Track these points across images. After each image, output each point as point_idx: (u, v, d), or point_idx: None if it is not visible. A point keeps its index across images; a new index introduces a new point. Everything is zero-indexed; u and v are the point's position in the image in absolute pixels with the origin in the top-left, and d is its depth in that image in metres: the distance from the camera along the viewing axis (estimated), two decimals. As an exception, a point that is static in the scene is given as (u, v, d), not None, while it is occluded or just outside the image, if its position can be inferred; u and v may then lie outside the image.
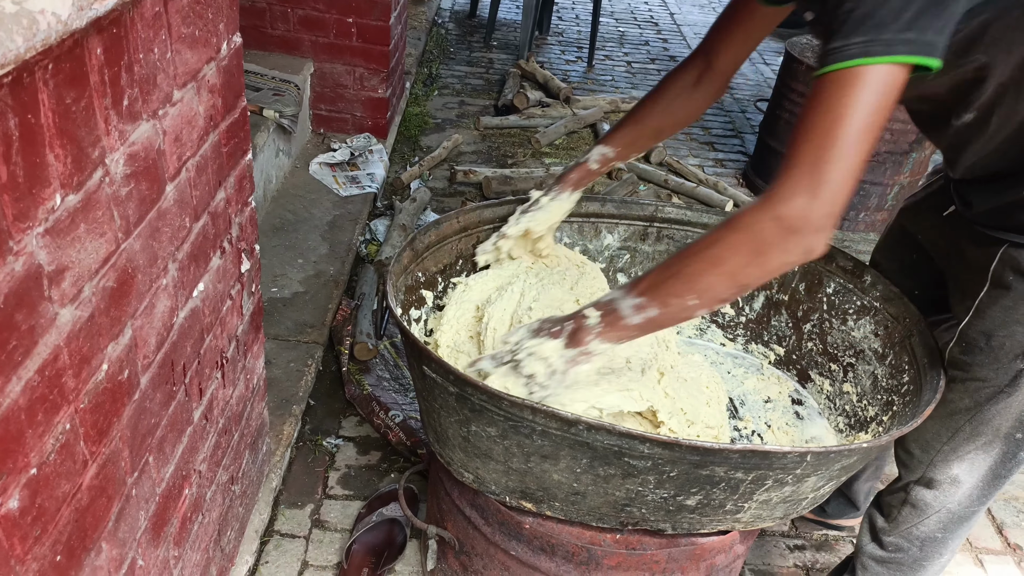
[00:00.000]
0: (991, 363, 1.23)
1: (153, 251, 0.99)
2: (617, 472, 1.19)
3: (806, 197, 0.91)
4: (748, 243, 0.95)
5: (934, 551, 1.42)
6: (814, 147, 0.91)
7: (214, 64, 1.13)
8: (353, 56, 3.14)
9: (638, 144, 1.49)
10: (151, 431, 1.04)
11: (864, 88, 0.89)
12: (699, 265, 0.99)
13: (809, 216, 0.91)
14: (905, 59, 0.88)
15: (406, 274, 1.48)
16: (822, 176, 0.90)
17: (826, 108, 0.90)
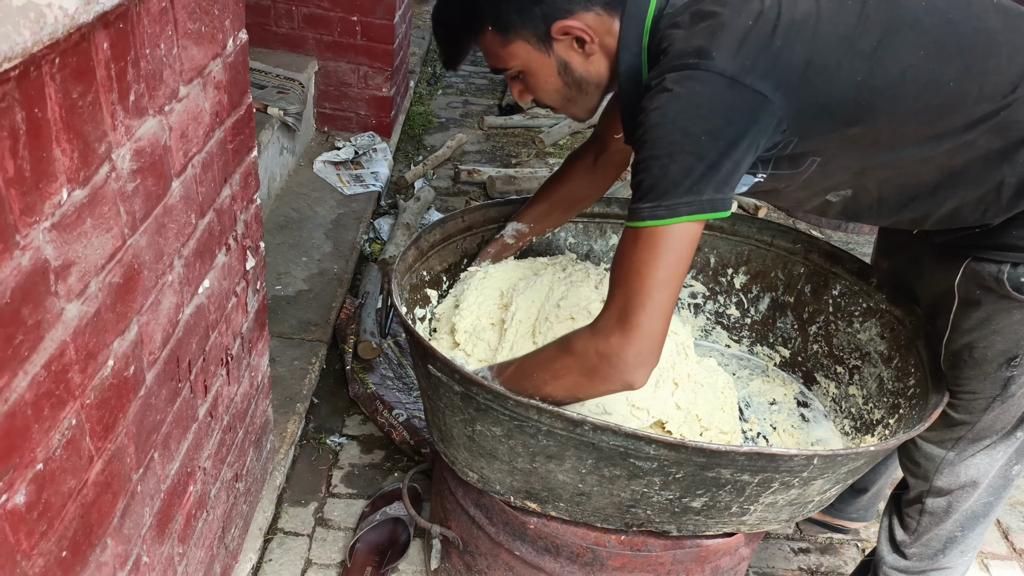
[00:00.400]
0: (979, 376, 1.24)
1: (159, 247, 0.98)
2: (623, 473, 1.19)
3: (619, 337, 1.04)
4: (578, 367, 1.10)
5: (956, 549, 1.42)
6: (623, 294, 1.04)
7: (220, 60, 1.13)
8: (357, 54, 3.14)
9: (550, 219, 1.60)
10: (156, 427, 1.04)
11: (658, 245, 1.02)
12: (543, 375, 1.14)
13: (624, 355, 1.04)
14: (688, 219, 1.01)
15: (411, 272, 1.48)
16: (631, 321, 1.03)
17: (630, 261, 1.04)
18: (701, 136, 0.99)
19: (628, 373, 1.06)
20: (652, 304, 1.02)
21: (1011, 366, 1.21)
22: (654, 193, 1.01)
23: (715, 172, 1.00)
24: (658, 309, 1.03)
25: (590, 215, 1.73)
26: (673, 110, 1.00)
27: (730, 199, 1.04)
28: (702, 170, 1.00)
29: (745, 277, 1.76)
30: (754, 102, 1.01)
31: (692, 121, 1.00)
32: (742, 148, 1.01)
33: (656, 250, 1.02)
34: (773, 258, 1.73)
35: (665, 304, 1.03)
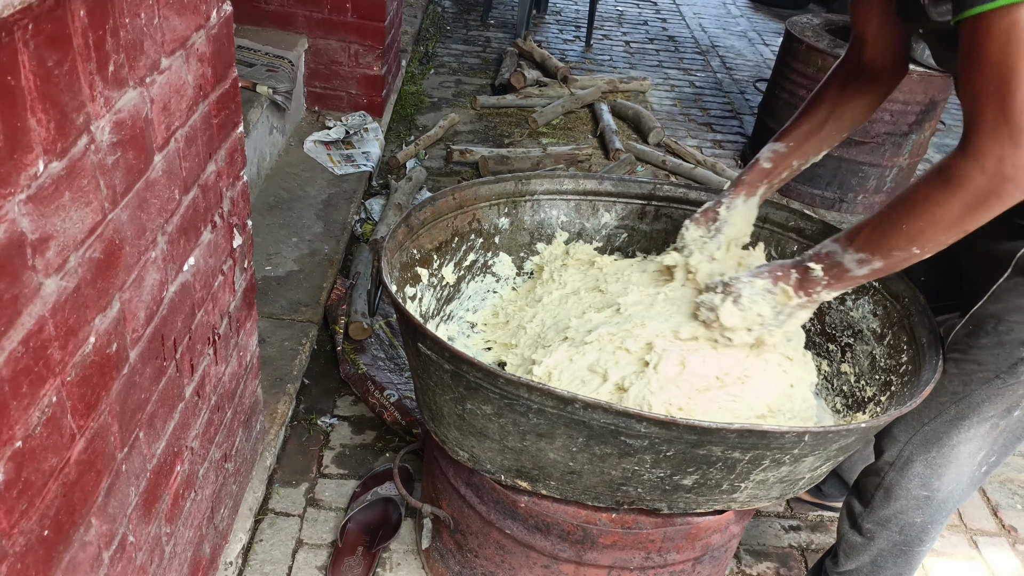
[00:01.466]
0: (993, 347, 1.21)
1: (141, 223, 0.96)
2: (613, 451, 1.18)
3: (1010, 148, 0.93)
4: (965, 199, 0.98)
5: (914, 537, 1.39)
6: (999, 98, 0.92)
7: (203, 32, 1.11)
8: (348, 32, 3.10)
9: (818, 138, 1.40)
10: (141, 406, 1.02)
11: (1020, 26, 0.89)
12: (919, 223, 1.03)
13: (1017, 164, 0.93)
14: None
15: (401, 251, 1.46)
16: (1018, 124, 0.91)
17: (996, 56, 0.91)
18: None
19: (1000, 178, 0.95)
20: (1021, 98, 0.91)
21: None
22: None
23: None
24: None
25: (582, 192, 1.71)
26: None
27: None
28: None
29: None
30: None
31: None
32: None
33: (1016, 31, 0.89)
34: (767, 236, 1.71)
35: None
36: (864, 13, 1.30)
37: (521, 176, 1.65)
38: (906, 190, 1.07)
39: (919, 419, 1.32)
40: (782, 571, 1.78)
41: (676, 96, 4.33)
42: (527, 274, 1.75)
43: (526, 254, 1.73)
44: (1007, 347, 1.20)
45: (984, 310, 1.22)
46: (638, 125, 3.73)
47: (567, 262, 1.70)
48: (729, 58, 4.97)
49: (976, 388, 1.25)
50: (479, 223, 1.64)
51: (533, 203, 1.70)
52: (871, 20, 1.29)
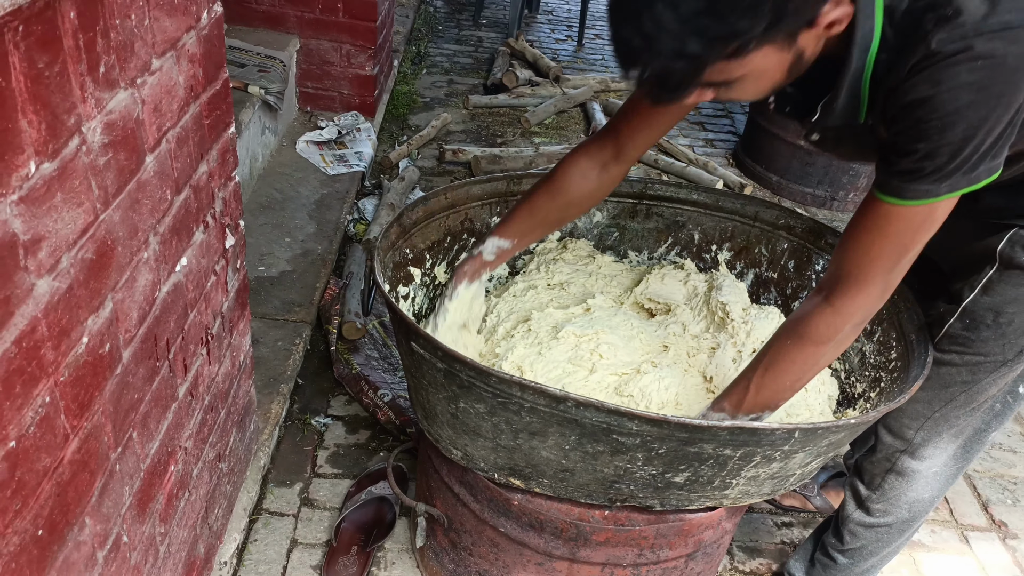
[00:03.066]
0: (997, 339, 1.23)
1: (133, 223, 0.97)
2: (606, 449, 1.19)
3: (879, 299, 1.08)
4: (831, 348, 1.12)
5: (921, 511, 1.44)
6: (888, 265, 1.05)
7: (194, 33, 1.11)
8: (340, 32, 3.10)
9: (535, 233, 1.44)
10: (134, 406, 1.03)
11: (927, 220, 1.00)
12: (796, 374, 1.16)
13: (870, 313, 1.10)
14: (964, 191, 0.97)
15: (394, 250, 1.46)
16: (894, 280, 1.06)
17: (889, 236, 1.03)
18: (1015, 105, 0.90)
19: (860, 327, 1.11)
20: (903, 270, 1.05)
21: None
22: (942, 173, 0.94)
23: (1003, 143, 0.94)
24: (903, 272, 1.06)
25: (574, 192, 1.72)
26: (990, 78, 0.88)
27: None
28: (995, 137, 0.92)
29: (729, 253, 1.76)
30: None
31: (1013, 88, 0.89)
32: None
33: (925, 225, 1.00)
34: (757, 234, 1.73)
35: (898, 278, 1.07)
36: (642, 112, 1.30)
37: (513, 175, 1.66)
38: (776, 347, 1.16)
39: (930, 407, 1.33)
40: (775, 567, 1.79)
41: (668, 95, 4.33)
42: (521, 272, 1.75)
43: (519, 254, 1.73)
44: (1010, 338, 1.22)
45: (978, 303, 1.24)
46: (630, 124, 3.74)
47: (562, 255, 1.71)
48: (721, 57, 4.99)
49: (984, 376, 1.27)
50: (471, 222, 1.65)
51: (525, 202, 1.70)
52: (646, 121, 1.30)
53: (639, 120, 1.31)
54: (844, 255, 1.08)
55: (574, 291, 1.63)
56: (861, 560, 1.52)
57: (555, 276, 1.65)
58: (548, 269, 1.66)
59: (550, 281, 1.65)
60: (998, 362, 1.24)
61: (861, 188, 3.31)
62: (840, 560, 1.53)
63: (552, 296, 1.61)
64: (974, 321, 1.25)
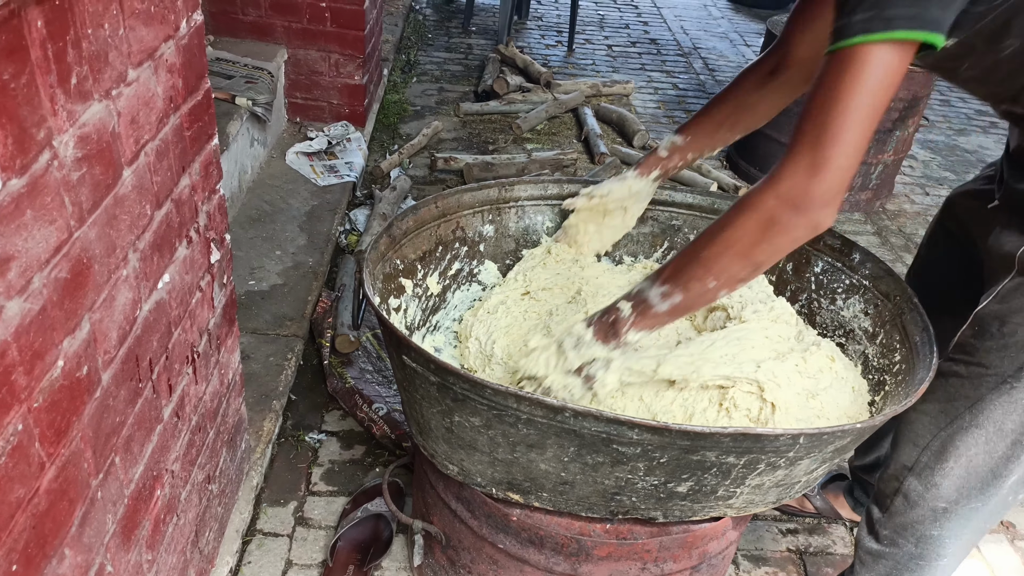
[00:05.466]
0: (998, 349, 1.19)
1: (111, 240, 0.93)
2: (606, 460, 1.16)
3: (806, 175, 0.94)
4: (756, 223, 0.98)
5: (931, 551, 1.35)
6: (814, 127, 0.93)
7: (172, 43, 1.08)
8: (328, 42, 3.07)
9: (716, 135, 1.44)
10: (116, 430, 0.99)
11: (864, 68, 0.90)
12: (714, 248, 1.02)
13: (810, 193, 0.94)
14: (906, 35, 0.89)
15: (384, 262, 1.43)
16: (822, 155, 0.92)
17: (827, 88, 0.92)
18: None
19: (814, 213, 0.95)
20: (849, 136, 0.91)
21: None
22: (869, 2, 0.88)
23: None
24: (855, 143, 0.92)
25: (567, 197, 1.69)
26: None
27: (948, 23, 0.90)
28: None
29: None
30: None
31: None
32: None
33: (861, 74, 0.89)
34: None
35: (861, 140, 0.92)
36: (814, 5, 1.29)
37: (504, 182, 1.63)
38: (719, 219, 1.05)
39: (936, 424, 1.28)
40: (781, 575, 1.76)
41: (660, 98, 4.32)
42: (514, 281, 1.72)
43: (512, 261, 1.70)
44: (1011, 350, 1.17)
45: (987, 311, 1.20)
46: (622, 128, 3.72)
47: (544, 262, 1.66)
48: (711, 59, 4.98)
49: (987, 393, 1.21)
50: (463, 231, 1.61)
51: (518, 209, 1.67)
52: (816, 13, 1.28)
53: (805, 16, 1.30)
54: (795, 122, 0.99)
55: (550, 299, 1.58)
56: None
57: (532, 283, 1.61)
58: (526, 277, 1.63)
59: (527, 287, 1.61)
60: (999, 377, 1.19)
61: (855, 187, 3.29)
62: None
63: (524, 308, 1.57)
64: (981, 329, 1.21)
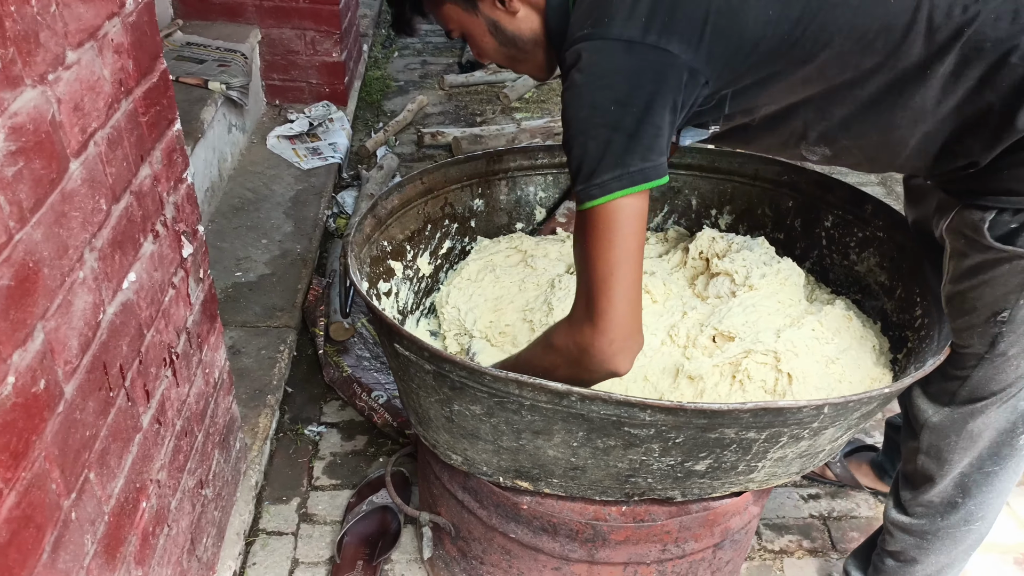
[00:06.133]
0: (968, 328, 1.14)
1: (61, 240, 0.85)
2: (617, 443, 1.08)
3: (590, 328, 1.00)
4: (564, 362, 1.05)
5: (961, 519, 1.30)
6: (584, 281, 1.00)
7: (118, 20, 0.98)
8: (302, 19, 2.95)
9: None
10: (87, 445, 0.91)
11: (603, 226, 0.97)
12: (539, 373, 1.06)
13: (598, 346, 1.00)
14: (622, 193, 0.95)
15: (369, 244, 1.35)
16: (597, 309, 0.99)
17: (582, 246, 1.00)
18: (610, 107, 0.95)
19: (608, 362, 1.01)
20: (613, 287, 0.98)
21: (997, 322, 1.10)
22: (583, 174, 0.97)
23: (636, 141, 0.95)
24: (621, 291, 0.98)
25: (559, 165, 1.60)
26: (578, 85, 0.97)
27: (663, 165, 0.98)
28: (622, 141, 0.95)
29: (730, 217, 1.64)
30: (657, 61, 0.96)
31: (598, 93, 0.96)
32: (658, 110, 0.95)
33: (603, 231, 0.97)
34: (759, 194, 1.61)
35: (627, 284, 0.98)
36: None
37: (492, 153, 1.54)
38: (534, 343, 1.13)
39: (937, 402, 1.23)
40: (805, 543, 1.70)
41: (650, 58, 4.19)
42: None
43: (505, 235, 1.61)
44: (978, 325, 1.12)
45: (946, 291, 1.16)
46: (613, 91, 3.61)
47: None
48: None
49: (972, 370, 1.16)
50: (452, 207, 1.53)
51: (508, 181, 1.59)
52: None
53: None
54: None
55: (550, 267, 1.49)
56: (908, 567, 1.38)
57: (526, 244, 1.53)
58: (519, 238, 1.54)
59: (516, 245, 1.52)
60: (978, 353, 1.14)
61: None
62: (888, 563, 1.40)
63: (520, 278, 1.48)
64: (952, 310, 1.17)
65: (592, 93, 0.96)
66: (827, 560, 1.66)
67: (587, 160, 0.96)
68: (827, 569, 1.64)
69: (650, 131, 0.95)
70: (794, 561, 1.66)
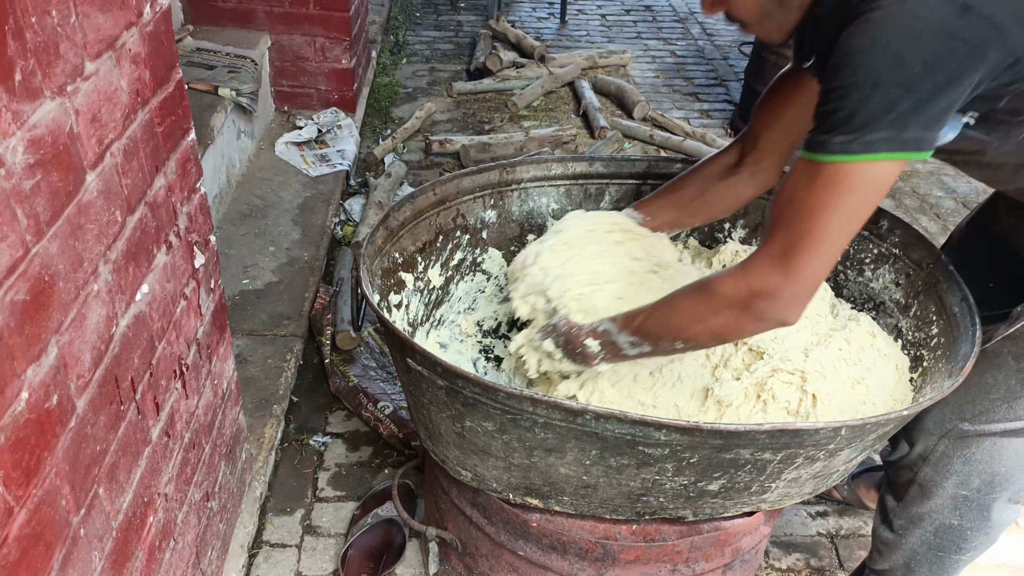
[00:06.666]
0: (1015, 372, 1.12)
1: (77, 253, 0.84)
2: (631, 462, 1.07)
3: (779, 279, 0.95)
4: (727, 310, 1.00)
5: (951, 542, 1.28)
6: (789, 233, 0.94)
7: (136, 30, 0.98)
8: (312, 25, 2.95)
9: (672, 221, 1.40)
10: (97, 460, 0.90)
11: (842, 185, 0.90)
12: (685, 320, 1.05)
13: (782, 295, 0.96)
14: (886, 156, 0.88)
15: (381, 256, 1.34)
16: (796, 263, 0.93)
17: (803, 198, 0.92)
18: (916, 68, 0.85)
19: (784, 312, 0.97)
20: (821, 249, 0.92)
21: None
22: (849, 125, 0.88)
23: (925, 109, 0.87)
24: (826, 256, 0.93)
25: (572, 176, 1.59)
26: (887, 34, 0.86)
27: (935, 139, 0.90)
28: (910, 104, 0.86)
29: (744, 231, 1.63)
30: (986, 34, 0.85)
31: (908, 49, 0.85)
32: (963, 84, 0.87)
33: (839, 190, 0.90)
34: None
35: (835, 253, 0.94)
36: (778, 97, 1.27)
37: (505, 164, 1.53)
38: (683, 290, 1.08)
39: (960, 413, 1.20)
40: (812, 562, 1.68)
41: (658, 67, 4.19)
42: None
43: (517, 247, 1.60)
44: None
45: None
46: (622, 100, 3.60)
47: None
48: (709, 24, 4.84)
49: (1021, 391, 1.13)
50: (464, 218, 1.52)
51: (520, 192, 1.58)
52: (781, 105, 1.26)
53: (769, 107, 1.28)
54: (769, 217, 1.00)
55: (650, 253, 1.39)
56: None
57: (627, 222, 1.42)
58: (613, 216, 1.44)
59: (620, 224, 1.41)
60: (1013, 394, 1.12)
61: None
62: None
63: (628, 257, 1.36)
64: None
65: (901, 46, 0.85)
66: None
67: (863, 112, 0.87)
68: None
69: (943, 103, 0.87)
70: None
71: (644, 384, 1.29)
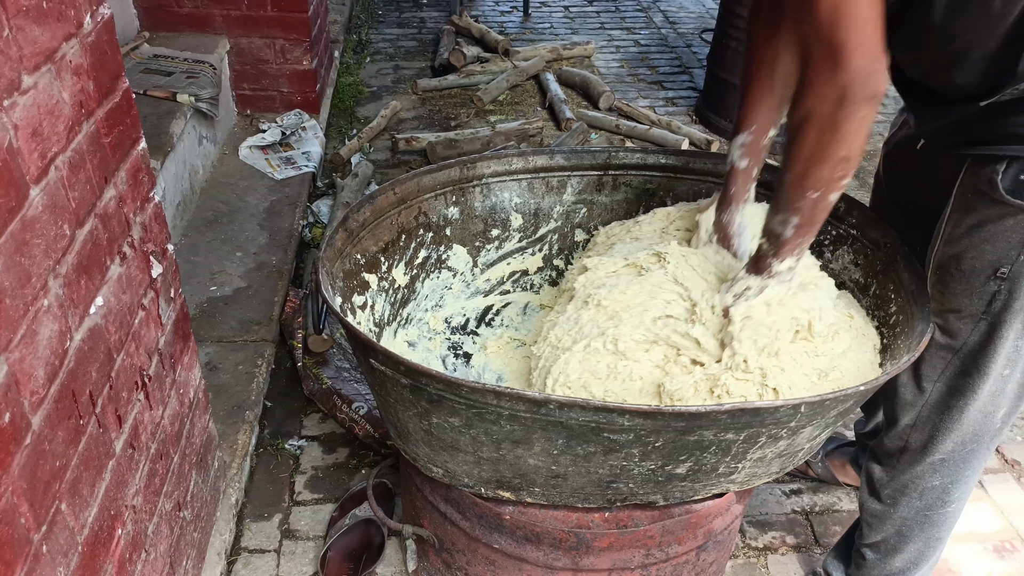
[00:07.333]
0: (965, 290, 1.14)
1: (23, 269, 0.83)
2: (597, 449, 1.08)
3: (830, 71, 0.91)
4: (821, 128, 0.96)
5: (936, 500, 1.32)
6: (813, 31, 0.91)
7: (76, 41, 0.96)
8: (271, 27, 2.92)
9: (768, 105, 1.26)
10: (57, 475, 0.90)
11: None
12: (798, 167, 1.02)
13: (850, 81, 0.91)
14: None
15: (342, 258, 1.33)
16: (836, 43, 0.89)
17: None
18: None
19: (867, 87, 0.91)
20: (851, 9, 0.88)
21: (997, 278, 1.11)
22: None
23: None
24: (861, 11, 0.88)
25: (533, 170, 1.60)
26: None
27: None
28: None
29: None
30: None
31: None
32: None
33: None
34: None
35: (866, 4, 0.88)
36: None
37: (466, 160, 1.53)
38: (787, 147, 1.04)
39: (929, 378, 1.23)
40: (789, 539, 1.71)
41: (622, 57, 4.21)
42: (484, 266, 1.63)
43: (481, 243, 1.61)
44: (975, 286, 1.13)
45: (942, 254, 1.16)
46: (587, 91, 3.61)
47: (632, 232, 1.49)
48: (671, 12, 4.86)
49: (968, 336, 1.17)
50: (426, 216, 1.52)
51: (482, 188, 1.58)
52: None
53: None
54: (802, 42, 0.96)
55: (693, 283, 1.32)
56: (888, 557, 1.40)
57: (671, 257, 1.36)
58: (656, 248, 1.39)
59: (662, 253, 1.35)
60: (974, 315, 1.15)
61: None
62: (868, 556, 1.42)
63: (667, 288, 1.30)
64: (943, 274, 1.17)
65: None
66: (810, 555, 1.67)
67: None
68: (811, 564, 1.65)
69: None
70: (778, 558, 1.67)
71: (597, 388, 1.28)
